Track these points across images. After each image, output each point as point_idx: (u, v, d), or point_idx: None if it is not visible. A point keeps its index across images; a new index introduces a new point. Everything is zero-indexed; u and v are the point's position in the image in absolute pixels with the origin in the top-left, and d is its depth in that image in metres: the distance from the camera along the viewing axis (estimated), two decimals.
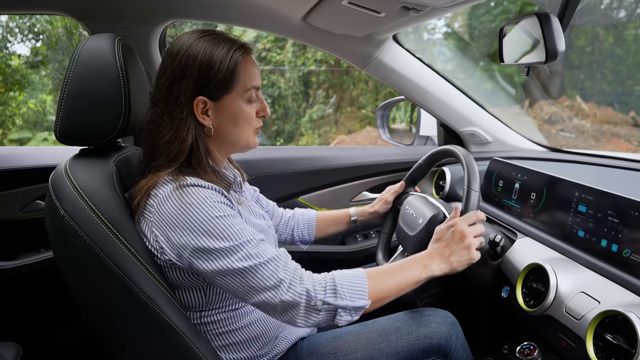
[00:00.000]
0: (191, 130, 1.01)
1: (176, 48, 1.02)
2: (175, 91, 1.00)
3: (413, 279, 1.04)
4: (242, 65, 1.03)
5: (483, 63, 7.38)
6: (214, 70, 0.99)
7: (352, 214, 1.52)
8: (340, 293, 0.95)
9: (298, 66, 7.78)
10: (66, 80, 0.98)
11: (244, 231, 0.95)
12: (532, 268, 1.11)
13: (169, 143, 1.00)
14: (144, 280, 0.92)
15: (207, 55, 0.99)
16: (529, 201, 1.34)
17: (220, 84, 1.01)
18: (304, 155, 1.85)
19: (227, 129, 1.06)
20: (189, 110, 1.01)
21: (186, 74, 0.99)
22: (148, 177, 1.01)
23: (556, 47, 0.86)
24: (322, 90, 7.86)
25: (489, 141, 1.89)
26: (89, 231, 0.90)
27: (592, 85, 6.70)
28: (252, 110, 1.07)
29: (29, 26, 7.15)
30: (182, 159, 1.01)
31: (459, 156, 1.27)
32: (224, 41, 1.02)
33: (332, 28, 1.50)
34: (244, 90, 1.04)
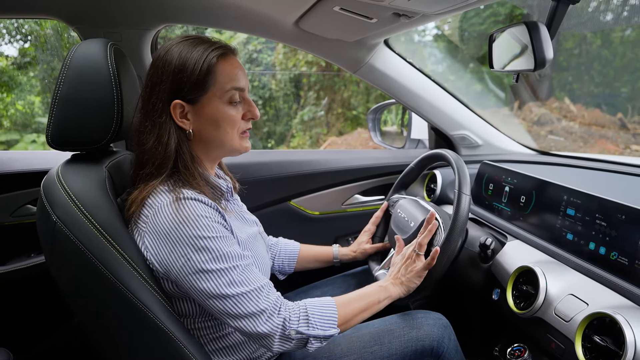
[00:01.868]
0: (172, 135, 1.01)
1: (156, 54, 1.03)
2: (153, 97, 1.01)
3: (374, 302, 1.13)
4: (219, 66, 1.01)
5: (473, 65, 7.42)
6: (187, 72, 0.99)
7: (334, 254, 1.51)
8: (312, 323, 1.00)
9: (289, 68, 7.77)
10: (58, 85, 0.98)
11: (233, 254, 0.96)
12: (522, 271, 1.13)
13: (153, 149, 1.00)
14: (137, 286, 0.92)
15: (181, 59, 0.99)
16: (519, 204, 1.35)
17: (195, 85, 0.99)
18: (295, 158, 1.85)
19: (208, 132, 1.05)
20: (167, 114, 1.01)
21: (162, 79, 1.00)
22: (140, 187, 1.01)
23: (544, 55, 0.88)
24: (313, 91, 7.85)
25: (479, 144, 1.91)
26: (82, 237, 0.90)
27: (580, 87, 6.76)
28: (235, 112, 1.05)
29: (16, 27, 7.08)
30: (170, 164, 1.00)
31: (450, 160, 1.29)
32: (202, 44, 1.02)
33: (324, 33, 1.50)
34: (222, 91, 1.02)
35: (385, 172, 1.91)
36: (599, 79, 6.63)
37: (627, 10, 6.26)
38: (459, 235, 1.17)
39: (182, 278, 0.94)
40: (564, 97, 6.69)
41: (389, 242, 1.49)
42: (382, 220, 1.55)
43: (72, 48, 1.02)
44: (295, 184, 1.82)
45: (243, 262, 0.97)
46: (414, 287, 1.18)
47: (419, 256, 1.18)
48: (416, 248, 1.18)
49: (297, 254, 1.48)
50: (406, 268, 1.19)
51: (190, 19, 1.50)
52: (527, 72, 0.92)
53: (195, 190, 0.99)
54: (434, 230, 1.20)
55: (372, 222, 1.55)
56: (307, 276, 1.58)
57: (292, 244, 1.51)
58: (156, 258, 0.96)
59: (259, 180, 1.76)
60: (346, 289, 1.51)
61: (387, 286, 1.17)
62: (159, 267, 0.96)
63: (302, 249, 1.50)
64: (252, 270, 0.99)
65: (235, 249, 0.97)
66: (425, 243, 1.19)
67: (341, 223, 1.90)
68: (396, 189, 1.57)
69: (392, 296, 1.16)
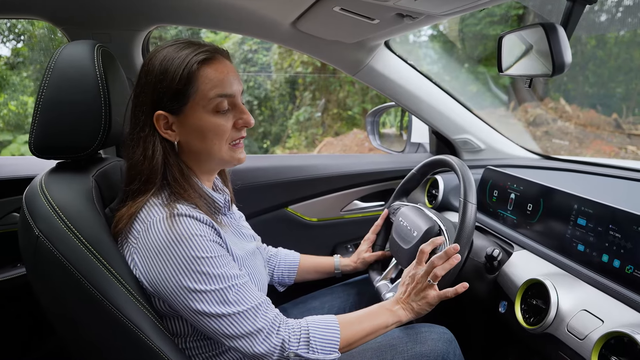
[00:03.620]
0: (158, 148, 0.95)
1: (143, 63, 0.97)
2: (137, 109, 0.95)
3: (381, 326, 1.06)
4: (201, 72, 0.93)
5: (468, 65, 7.43)
6: (167, 81, 0.92)
7: (336, 265, 1.46)
8: (312, 346, 0.95)
9: (284, 69, 7.74)
10: (41, 89, 0.93)
11: (228, 274, 0.91)
12: (531, 283, 1.08)
13: (139, 163, 0.94)
14: (126, 304, 0.87)
15: (162, 67, 0.92)
16: (526, 212, 1.31)
17: (175, 96, 0.93)
18: (293, 163, 1.80)
19: (194, 144, 0.98)
20: (151, 126, 0.95)
21: (144, 89, 0.94)
22: (128, 204, 0.95)
23: (564, 59, 0.83)
24: (309, 92, 7.84)
25: (482, 149, 1.86)
26: (66, 252, 0.85)
27: (575, 87, 6.79)
28: (222, 121, 0.97)
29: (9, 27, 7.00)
30: (157, 179, 0.95)
31: (454, 167, 1.24)
32: (187, 48, 0.94)
33: (323, 34, 1.45)
34: (206, 99, 0.94)
35: (385, 178, 1.86)
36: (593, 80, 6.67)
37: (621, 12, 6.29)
38: (465, 247, 1.12)
39: (173, 298, 0.89)
40: (559, 97, 6.72)
41: (390, 251, 1.44)
42: (383, 228, 1.50)
43: (57, 50, 0.96)
44: (292, 189, 1.77)
45: (238, 281, 0.92)
46: (424, 313, 1.11)
47: (431, 285, 1.10)
48: (430, 278, 1.09)
49: (297, 264, 1.43)
50: (417, 294, 1.10)
51: (182, 20, 1.44)
52: (544, 77, 0.87)
53: (190, 205, 0.94)
54: (454, 264, 1.09)
55: (373, 231, 1.50)
56: (305, 285, 1.52)
57: (292, 254, 1.45)
58: (146, 276, 0.91)
59: (255, 186, 1.71)
60: (346, 299, 1.47)
61: (396, 310, 1.10)
62: (149, 285, 0.91)
63: (302, 259, 1.45)
64: (248, 288, 0.94)
65: (230, 268, 0.92)
66: (442, 275, 1.08)
67: (340, 230, 1.85)
68: (397, 196, 1.52)
69: (402, 321, 1.09)
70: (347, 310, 1.43)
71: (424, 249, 1.14)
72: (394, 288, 1.30)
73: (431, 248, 1.14)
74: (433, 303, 1.09)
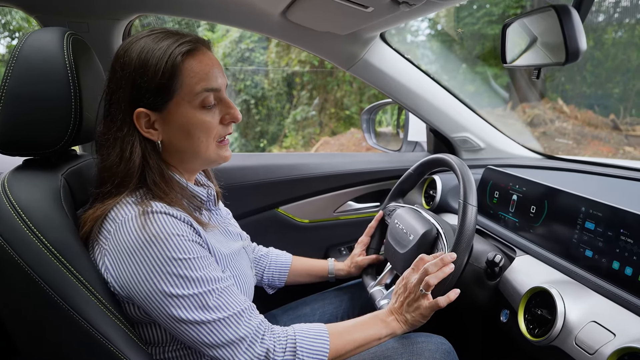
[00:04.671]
0: (136, 149, 0.87)
1: (115, 55, 0.88)
2: (113, 107, 0.87)
3: (374, 337, 1.00)
4: (186, 65, 0.86)
5: (466, 65, 7.42)
6: (148, 75, 0.84)
7: (330, 270, 1.39)
8: (299, 356, 0.89)
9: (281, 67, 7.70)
10: (5, 80, 0.85)
11: (208, 277, 0.84)
12: (535, 292, 1.00)
13: (114, 165, 0.87)
14: (94, 313, 0.80)
15: (141, 60, 0.84)
16: (529, 215, 1.23)
17: (158, 91, 0.85)
18: (284, 162, 1.73)
19: (179, 142, 0.91)
20: (130, 126, 0.87)
21: (120, 85, 0.86)
22: (96, 206, 0.87)
23: (578, 45, 0.75)
24: (306, 91, 7.85)
25: (482, 148, 1.79)
26: (28, 258, 0.78)
27: (573, 87, 6.84)
28: (209, 117, 0.90)
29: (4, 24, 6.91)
30: (131, 182, 0.87)
31: (453, 166, 1.17)
32: (167, 39, 0.86)
33: (314, 25, 1.37)
34: (192, 94, 0.87)
35: (380, 178, 1.79)
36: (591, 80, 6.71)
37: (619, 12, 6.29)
38: (465, 251, 1.05)
39: (148, 304, 0.82)
40: (557, 97, 6.72)
41: (384, 254, 1.37)
42: (377, 230, 1.43)
43: (22, 37, 0.89)
44: (283, 189, 1.70)
45: (220, 285, 0.85)
46: (419, 325, 1.04)
47: (424, 295, 1.02)
48: (423, 287, 1.01)
49: (288, 266, 1.36)
50: (410, 304, 1.03)
51: (164, 9, 1.36)
52: (556, 65, 0.80)
53: (165, 203, 0.86)
54: (447, 273, 1.02)
55: (366, 233, 1.42)
56: (296, 290, 1.45)
57: (284, 255, 1.39)
58: (117, 280, 0.84)
59: (243, 186, 1.63)
60: (338, 305, 1.40)
61: (390, 322, 1.02)
62: (121, 290, 0.84)
63: (294, 261, 1.38)
64: (230, 293, 0.87)
65: (211, 270, 0.85)
66: (434, 284, 1.01)
67: (333, 232, 1.78)
68: (392, 196, 1.44)
69: (396, 333, 1.02)
70: (340, 318, 1.37)
71: (425, 258, 1.06)
72: (389, 294, 1.23)
73: (432, 259, 1.06)
74: (426, 315, 1.02)
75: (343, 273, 1.39)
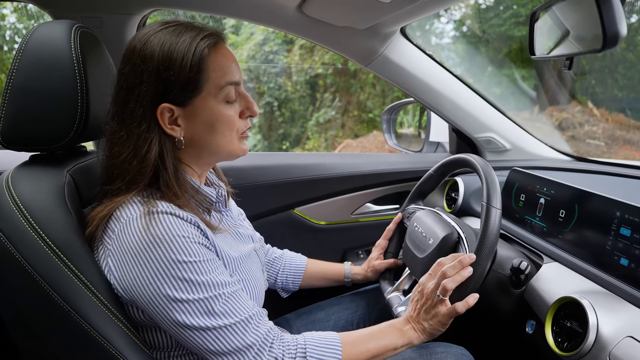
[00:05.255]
0: (154, 146, 0.84)
1: (130, 47, 0.85)
2: (131, 102, 0.83)
3: (389, 347, 0.94)
4: (211, 59, 0.85)
5: (491, 68, 7.31)
6: (175, 69, 0.81)
7: (346, 273, 1.34)
8: None
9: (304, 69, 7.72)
10: (11, 73, 0.84)
11: (215, 281, 0.81)
12: (564, 302, 0.93)
13: (126, 163, 0.83)
14: (97, 316, 0.78)
15: (165, 52, 0.81)
16: (557, 219, 1.15)
17: (185, 85, 0.83)
18: (300, 162, 1.69)
19: (203, 138, 0.89)
20: (152, 122, 0.84)
21: (142, 79, 0.82)
22: (104, 203, 0.84)
23: (617, 29, 0.68)
24: (329, 93, 7.84)
25: (507, 149, 1.72)
26: (29, 256, 0.76)
27: (603, 90, 6.67)
28: (232, 112, 0.89)
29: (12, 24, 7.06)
30: (143, 181, 0.84)
31: (476, 167, 1.10)
32: (187, 32, 0.84)
33: (331, 19, 1.33)
34: (218, 88, 0.86)
35: (400, 179, 1.73)
36: (623, 83, 6.54)
37: None
38: (488, 257, 0.98)
39: (151, 308, 0.79)
40: (587, 101, 6.56)
41: (402, 259, 1.31)
42: (396, 233, 1.37)
43: (29, 30, 0.87)
44: (299, 190, 1.65)
45: (227, 290, 0.82)
46: (438, 334, 0.97)
47: (442, 301, 0.96)
48: (440, 292, 0.95)
49: (303, 269, 1.32)
50: (427, 312, 0.97)
51: (178, 3, 1.33)
52: (592, 53, 0.73)
53: (173, 204, 0.83)
54: (466, 277, 0.95)
55: (384, 237, 1.36)
56: (311, 294, 1.41)
57: (299, 258, 1.35)
58: (120, 283, 0.81)
59: (259, 186, 1.60)
60: (354, 310, 1.35)
61: (406, 331, 0.97)
62: (124, 293, 0.81)
63: (309, 264, 1.34)
64: (238, 298, 0.83)
65: (218, 274, 0.82)
66: (452, 288, 0.95)
67: (350, 234, 1.73)
68: (412, 198, 1.38)
69: (413, 343, 0.96)
70: (355, 324, 1.32)
71: (442, 262, 1.00)
72: (407, 301, 1.17)
73: (451, 262, 1.00)
74: (445, 322, 0.96)
75: (359, 277, 1.34)
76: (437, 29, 8.14)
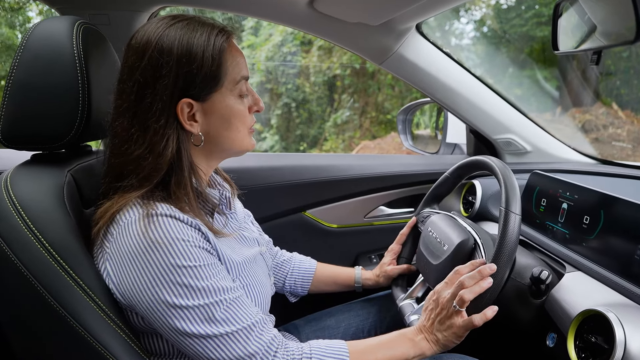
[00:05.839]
0: (172, 142, 0.81)
1: (142, 41, 0.81)
2: (148, 97, 0.80)
3: (400, 358, 0.90)
4: (228, 53, 0.85)
5: (512, 69, 7.21)
6: (197, 63, 0.80)
7: (356, 279, 1.30)
8: None
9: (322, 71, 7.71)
10: (12, 70, 0.83)
11: (216, 287, 0.78)
12: (588, 315, 0.87)
13: (141, 159, 0.80)
14: (94, 321, 0.76)
15: (183, 47, 0.80)
16: (581, 226, 1.09)
17: (207, 80, 0.82)
18: (312, 163, 1.66)
19: (219, 134, 0.88)
20: (170, 117, 0.81)
21: (161, 73, 0.79)
22: (114, 199, 0.81)
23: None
24: (347, 94, 7.84)
25: (528, 151, 1.66)
26: (25, 258, 0.75)
27: (629, 92, 6.56)
28: (244, 107, 0.89)
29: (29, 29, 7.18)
30: (156, 178, 0.81)
31: (494, 169, 1.05)
32: (201, 26, 0.83)
33: (343, 15, 1.29)
34: (234, 83, 0.86)
35: (415, 181, 1.68)
36: None
37: None
38: (506, 265, 0.93)
39: (150, 314, 0.76)
40: (611, 102, 6.42)
41: (416, 265, 1.26)
42: (410, 237, 1.32)
43: (31, 26, 0.86)
44: (310, 192, 1.62)
45: (229, 296, 0.79)
46: (452, 346, 0.92)
47: (458, 312, 0.90)
48: (456, 303, 0.90)
49: (312, 273, 1.29)
50: (442, 322, 0.92)
51: (188, 0, 1.31)
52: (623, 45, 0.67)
53: (174, 206, 0.80)
54: (485, 288, 0.90)
55: (397, 241, 1.32)
56: (320, 300, 1.37)
57: (308, 261, 1.31)
58: (118, 288, 0.78)
59: (268, 187, 1.56)
60: (365, 318, 1.31)
61: (418, 341, 0.92)
62: (122, 298, 0.79)
63: (319, 268, 1.31)
64: (241, 304, 0.80)
65: (219, 279, 0.79)
66: (469, 299, 0.89)
67: (363, 238, 1.69)
68: (427, 202, 1.33)
69: (425, 355, 0.92)
70: (366, 331, 1.28)
71: (461, 271, 0.95)
72: (420, 309, 1.12)
73: (469, 271, 0.94)
74: (460, 334, 0.90)
75: (370, 282, 1.30)
76: (457, 30, 8.09)
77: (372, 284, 1.30)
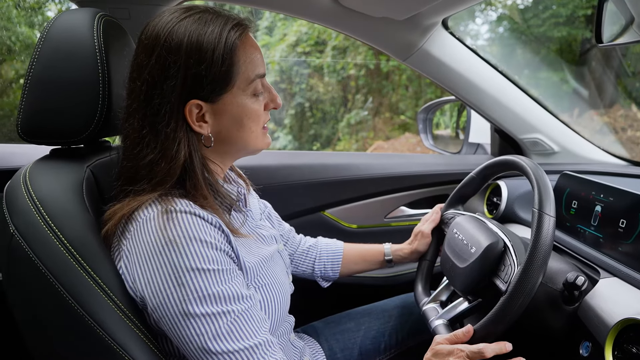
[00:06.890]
0: (183, 146, 0.78)
1: (151, 36, 0.78)
2: (156, 97, 0.77)
3: None
4: (241, 50, 0.79)
5: (528, 71, 7.14)
6: (207, 63, 0.76)
7: (386, 252, 1.28)
8: None
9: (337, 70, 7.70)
10: (31, 63, 0.81)
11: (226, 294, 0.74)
12: (628, 324, 0.82)
13: (154, 164, 0.78)
14: (111, 320, 0.73)
15: (192, 44, 0.75)
16: (617, 230, 1.04)
17: (217, 80, 0.78)
18: (332, 162, 1.63)
19: (230, 135, 0.84)
20: (179, 119, 0.78)
21: (169, 74, 0.76)
22: (125, 202, 0.79)
23: None
24: (361, 94, 7.82)
25: (555, 151, 1.61)
26: (43, 254, 0.72)
27: None
28: (259, 106, 0.85)
29: None
30: (170, 182, 0.78)
31: (525, 169, 1.00)
32: (214, 20, 0.78)
33: (368, 9, 1.26)
34: (247, 82, 0.81)
35: (437, 182, 1.65)
36: None
37: None
38: (540, 269, 0.88)
39: (159, 316, 0.74)
40: (630, 104, 6.30)
41: (440, 267, 1.22)
42: (434, 240, 1.28)
43: (51, 19, 0.84)
44: (330, 191, 1.59)
45: (238, 307, 0.75)
46: None
47: None
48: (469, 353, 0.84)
49: (341, 254, 1.27)
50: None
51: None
52: None
53: (194, 202, 0.77)
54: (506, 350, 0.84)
55: (435, 211, 1.28)
56: (340, 301, 1.37)
57: (335, 243, 1.30)
58: (132, 287, 0.76)
59: (287, 186, 1.54)
60: (386, 321, 1.28)
61: None
62: (135, 297, 0.76)
63: (346, 248, 1.29)
64: (249, 318, 0.76)
65: (232, 286, 0.75)
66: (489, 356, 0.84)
67: (383, 239, 1.62)
68: (451, 202, 1.28)
69: None
70: (387, 335, 1.24)
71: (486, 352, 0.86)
72: (445, 314, 1.08)
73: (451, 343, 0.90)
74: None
75: (403, 253, 1.26)
76: (472, 31, 8.00)
77: (401, 259, 1.27)
